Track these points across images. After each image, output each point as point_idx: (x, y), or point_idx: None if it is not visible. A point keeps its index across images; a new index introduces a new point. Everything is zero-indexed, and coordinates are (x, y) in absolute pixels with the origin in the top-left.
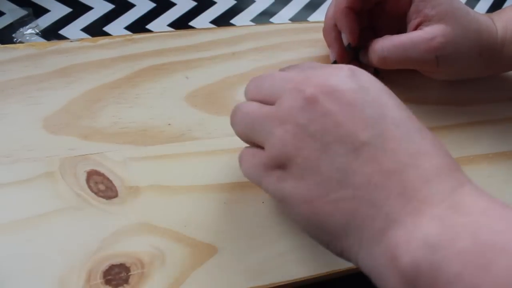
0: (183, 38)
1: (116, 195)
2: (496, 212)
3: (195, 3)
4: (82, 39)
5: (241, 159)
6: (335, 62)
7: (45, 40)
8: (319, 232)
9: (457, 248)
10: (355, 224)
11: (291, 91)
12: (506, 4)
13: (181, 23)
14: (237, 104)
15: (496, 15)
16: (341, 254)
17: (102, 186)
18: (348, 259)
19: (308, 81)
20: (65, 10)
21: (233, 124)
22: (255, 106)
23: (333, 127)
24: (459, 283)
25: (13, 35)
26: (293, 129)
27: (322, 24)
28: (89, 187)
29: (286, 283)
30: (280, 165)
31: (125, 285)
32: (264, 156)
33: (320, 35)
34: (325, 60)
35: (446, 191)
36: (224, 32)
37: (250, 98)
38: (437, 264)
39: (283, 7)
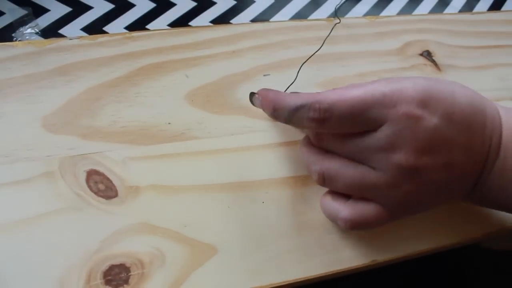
0: (183, 35)
1: (116, 195)
2: None
3: (195, 3)
4: (81, 36)
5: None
6: None
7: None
8: None
9: None
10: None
11: (385, 162)
12: (506, 5)
13: (181, 24)
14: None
15: None
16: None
17: (101, 185)
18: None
19: (400, 146)
20: (65, 9)
21: (328, 184)
22: (352, 171)
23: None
24: None
25: (13, 34)
26: (403, 196)
27: (323, 22)
28: (89, 186)
29: (286, 283)
30: None
31: (125, 285)
32: (377, 216)
33: (321, 33)
34: (326, 58)
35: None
36: (224, 30)
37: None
38: None
39: (283, 8)
